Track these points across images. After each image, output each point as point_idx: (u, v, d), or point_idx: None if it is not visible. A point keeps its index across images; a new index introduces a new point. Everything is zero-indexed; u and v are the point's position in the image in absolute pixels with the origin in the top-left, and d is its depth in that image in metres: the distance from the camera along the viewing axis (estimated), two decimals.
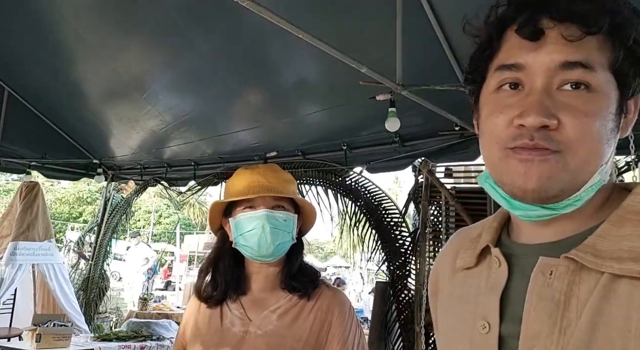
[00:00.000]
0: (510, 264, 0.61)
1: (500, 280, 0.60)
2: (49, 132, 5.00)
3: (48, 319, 3.94)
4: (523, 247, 0.62)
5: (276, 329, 1.18)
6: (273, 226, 1.19)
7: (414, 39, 2.48)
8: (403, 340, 3.61)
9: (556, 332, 0.53)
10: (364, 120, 3.54)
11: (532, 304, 0.56)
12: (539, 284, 0.56)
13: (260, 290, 1.25)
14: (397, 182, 22.06)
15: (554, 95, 0.56)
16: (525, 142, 0.55)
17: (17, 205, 4.89)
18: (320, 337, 1.18)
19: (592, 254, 0.54)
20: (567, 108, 0.55)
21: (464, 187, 3.55)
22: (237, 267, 1.27)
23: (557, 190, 0.55)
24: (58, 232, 16.65)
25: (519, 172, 0.56)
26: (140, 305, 6.67)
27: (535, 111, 0.55)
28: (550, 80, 0.56)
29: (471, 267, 0.67)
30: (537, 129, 0.55)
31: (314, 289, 1.23)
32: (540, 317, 0.55)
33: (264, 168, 1.29)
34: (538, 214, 0.58)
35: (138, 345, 4.07)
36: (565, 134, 0.55)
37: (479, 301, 0.62)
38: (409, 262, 3.70)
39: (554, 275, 0.56)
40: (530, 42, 0.57)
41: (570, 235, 0.58)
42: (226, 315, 1.23)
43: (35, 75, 4.43)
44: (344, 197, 4.05)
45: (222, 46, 3.30)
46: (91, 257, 5.75)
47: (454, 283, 0.69)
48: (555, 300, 0.54)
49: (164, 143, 4.73)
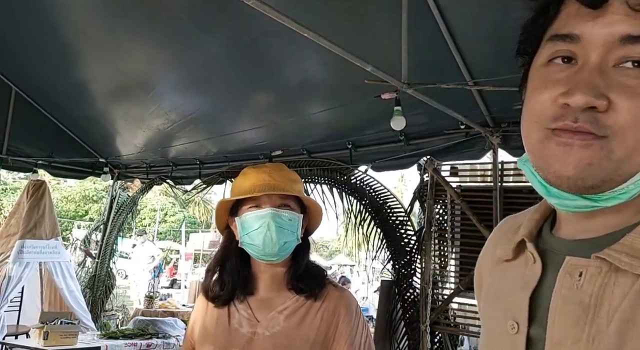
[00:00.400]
0: (545, 260, 0.56)
1: (532, 278, 0.55)
2: (55, 131, 5.03)
3: (55, 317, 3.97)
4: (561, 243, 0.56)
5: (283, 330, 1.18)
6: (278, 225, 1.19)
7: (419, 37, 2.47)
8: (408, 339, 3.61)
9: (584, 339, 0.48)
10: (370, 119, 3.53)
11: (557, 309, 0.51)
12: (566, 286, 0.51)
13: (267, 291, 1.25)
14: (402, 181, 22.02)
15: (609, 73, 0.49)
16: (567, 123, 0.49)
17: (24, 204, 4.93)
18: (328, 337, 1.18)
19: (629, 254, 0.48)
20: (622, 88, 0.48)
21: (470, 185, 3.54)
22: (244, 267, 1.27)
23: (598, 180, 0.49)
24: (65, 230, 16.75)
25: (556, 156, 0.50)
26: (146, 303, 6.71)
27: (583, 89, 0.48)
28: (607, 56, 0.50)
29: (510, 259, 0.61)
30: (582, 110, 0.49)
31: (320, 289, 1.23)
32: (565, 323, 0.50)
33: (270, 167, 1.29)
34: (576, 204, 0.52)
35: (144, 342, 4.09)
36: (614, 117, 0.48)
37: (512, 299, 0.57)
38: (414, 261, 3.70)
39: (584, 277, 0.50)
40: (590, 9, 0.50)
41: (611, 232, 0.52)
42: (234, 316, 1.23)
43: (42, 74, 4.46)
44: (349, 195, 4.05)
45: (227, 46, 3.31)
46: (97, 255, 5.78)
47: (494, 276, 0.64)
48: (584, 305, 0.49)
49: (169, 142, 4.74)
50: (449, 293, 3.48)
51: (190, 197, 5.56)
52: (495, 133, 3.06)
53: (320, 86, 3.49)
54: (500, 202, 3.16)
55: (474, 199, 3.37)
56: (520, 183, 3.25)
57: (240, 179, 1.28)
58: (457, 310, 3.58)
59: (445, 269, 3.56)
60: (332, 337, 1.19)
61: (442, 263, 3.55)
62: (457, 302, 3.53)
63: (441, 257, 3.55)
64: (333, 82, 3.38)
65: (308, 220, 1.30)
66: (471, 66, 2.70)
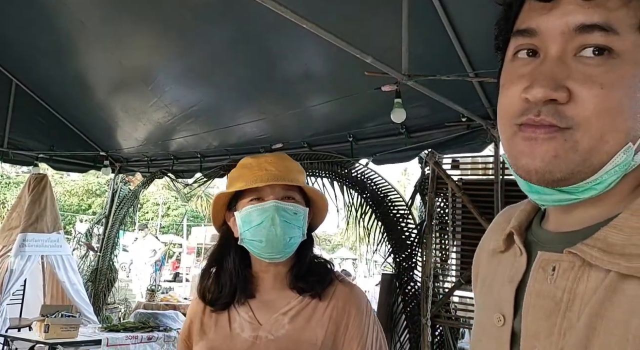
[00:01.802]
0: (531, 253, 0.56)
1: (518, 271, 0.56)
2: (56, 124, 5.02)
3: (56, 310, 3.98)
4: (547, 235, 0.56)
5: (288, 333, 1.09)
6: (283, 219, 1.09)
7: (420, 29, 2.45)
8: (409, 332, 3.61)
9: (555, 333, 0.49)
10: (370, 112, 3.51)
11: (530, 303, 0.52)
12: (539, 280, 0.52)
13: (269, 292, 1.16)
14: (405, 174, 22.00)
15: (569, 64, 0.49)
16: (530, 117, 0.49)
17: (26, 197, 4.94)
18: (337, 338, 1.10)
19: (601, 249, 0.48)
20: (582, 78, 0.48)
21: (471, 178, 3.52)
22: (244, 267, 1.17)
23: (566, 172, 0.49)
24: (67, 224, 16.81)
25: (523, 151, 0.50)
26: (148, 296, 6.73)
27: (541, 83, 0.48)
28: (565, 47, 0.50)
29: (503, 251, 0.61)
30: (544, 103, 0.49)
31: (326, 287, 1.14)
32: (538, 317, 0.50)
33: (271, 156, 1.18)
34: (554, 198, 0.52)
35: (145, 335, 4.11)
36: (576, 108, 0.48)
37: (501, 291, 0.58)
38: (415, 254, 3.69)
39: (557, 271, 0.50)
40: (544, 2, 0.51)
41: (588, 225, 0.52)
42: (234, 320, 1.13)
43: (42, 67, 4.45)
44: (349, 189, 4.04)
45: (228, 38, 3.29)
46: (99, 248, 5.80)
47: (489, 266, 0.65)
48: (556, 299, 0.50)
49: (170, 135, 4.73)
50: (450, 286, 3.47)
51: (191, 190, 5.55)
52: (497, 126, 3.03)
53: (320, 78, 3.47)
54: (501, 195, 3.14)
55: (475, 191, 3.35)
56: None
57: (238, 170, 1.18)
58: (458, 303, 3.57)
59: (446, 262, 3.55)
60: (342, 340, 1.10)
61: (443, 256, 3.55)
62: (458, 296, 3.52)
63: (442, 250, 3.54)
64: (333, 75, 3.36)
65: (312, 214, 1.20)
66: (472, 57, 2.68)
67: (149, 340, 4.10)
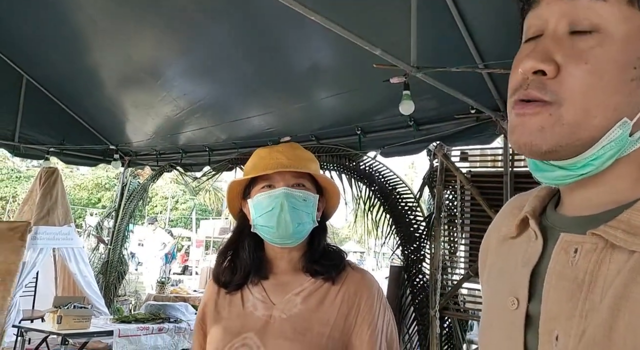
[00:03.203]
0: (546, 237, 0.56)
1: (533, 255, 0.56)
2: (66, 119, 5.07)
3: (68, 301, 4.04)
4: (562, 219, 0.57)
5: (301, 313, 1.12)
6: (292, 205, 1.13)
7: (429, 20, 2.43)
8: (418, 324, 3.62)
9: (577, 315, 0.49)
10: (378, 104, 3.51)
11: (551, 284, 0.52)
12: (560, 262, 0.52)
13: (282, 274, 1.19)
14: (412, 167, 21.95)
15: (564, 40, 0.51)
16: (520, 92, 0.52)
17: (37, 191, 4.99)
18: (349, 320, 1.13)
19: (625, 230, 0.48)
20: (570, 54, 0.49)
21: (480, 171, 3.51)
22: (258, 252, 1.20)
23: (553, 145, 0.50)
24: (78, 217, 16.99)
25: (515, 127, 0.52)
26: (158, 288, 6.80)
27: (532, 56, 0.50)
28: (560, 23, 0.52)
29: (514, 237, 0.62)
30: (532, 76, 0.51)
31: (339, 272, 1.17)
32: (559, 299, 0.50)
33: (283, 146, 1.22)
34: (555, 175, 0.53)
35: (156, 327, 4.15)
36: (562, 83, 0.49)
37: (514, 276, 0.58)
38: (424, 247, 3.69)
39: (580, 253, 0.51)
40: None
41: (610, 209, 0.52)
42: (248, 299, 1.17)
43: (53, 62, 4.48)
44: (358, 181, 4.04)
45: (235, 32, 3.29)
46: (110, 241, 5.86)
47: (499, 253, 0.65)
48: (578, 281, 0.50)
49: (178, 129, 4.76)
50: (458, 278, 3.47)
51: (200, 184, 5.58)
52: (506, 117, 3.01)
53: (328, 71, 3.47)
54: (510, 187, 3.13)
55: (484, 184, 3.34)
56: None
57: (252, 160, 1.22)
58: (467, 295, 3.58)
59: (455, 254, 3.55)
60: (353, 321, 1.13)
61: (452, 249, 3.55)
62: (467, 288, 3.53)
63: (451, 242, 3.54)
64: (341, 67, 3.35)
65: (325, 202, 1.24)
66: (482, 48, 2.66)
67: (159, 332, 4.14)
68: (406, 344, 3.62)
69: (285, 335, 1.10)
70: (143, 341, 4.01)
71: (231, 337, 1.13)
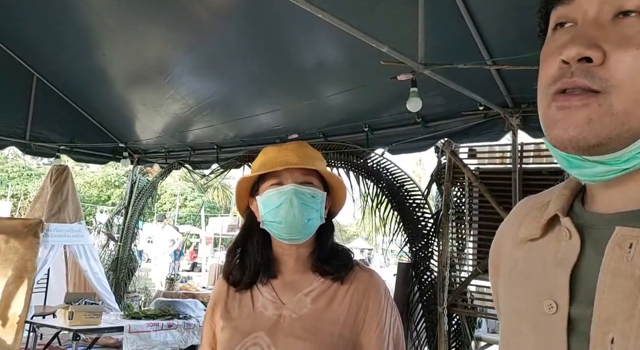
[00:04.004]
0: (582, 236, 0.52)
1: (570, 255, 0.52)
2: (76, 117, 5.12)
3: (80, 297, 4.09)
4: (598, 217, 0.53)
5: (311, 313, 1.13)
6: (301, 201, 1.15)
7: (436, 16, 2.42)
8: (426, 321, 3.62)
9: (636, 315, 0.45)
10: (386, 102, 3.50)
11: (605, 283, 0.48)
12: (615, 259, 0.48)
13: (291, 273, 1.20)
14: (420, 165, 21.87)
15: (606, 26, 0.48)
16: (564, 81, 0.48)
17: (48, 188, 5.04)
18: (358, 320, 1.14)
19: None
20: (619, 40, 0.47)
21: (488, 167, 3.49)
22: (266, 249, 1.22)
23: (603, 137, 0.47)
24: (88, 214, 17.14)
25: (557, 121, 0.49)
26: (167, 285, 6.86)
27: (576, 41, 0.48)
28: (601, 10, 0.49)
29: (536, 238, 0.58)
30: (577, 64, 0.47)
31: (347, 272, 1.18)
32: (616, 298, 0.47)
33: (291, 144, 1.24)
34: (595, 171, 0.50)
35: (166, 323, 4.19)
36: (611, 70, 0.46)
37: (545, 278, 0.54)
38: (432, 244, 3.69)
39: (635, 248, 0.47)
40: None
41: None
42: (257, 299, 1.18)
43: (63, 61, 4.52)
44: (365, 179, 4.04)
45: (243, 29, 3.30)
46: (119, 238, 5.91)
47: (517, 256, 0.61)
48: (635, 278, 0.46)
49: (187, 127, 4.78)
50: (466, 275, 3.47)
51: (208, 181, 5.61)
52: (515, 114, 3.00)
53: (335, 68, 3.47)
54: (519, 184, 3.12)
55: (492, 181, 3.32)
56: (540, 165, 3.19)
57: (260, 157, 1.24)
58: (475, 292, 3.57)
59: (463, 251, 3.55)
60: (362, 320, 1.14)
61: (460, 246, 3.54)
62: (475, 285, 3.52)
63: (459, 239, 3.53)
64: (348, 64, 3.35)
65: (331, 200, 1.25)
66: (490, 45, 2.64)
67: (169, 328, 4.18)
68: (414, 341, 3.62)
69: (296, 334, 1.11)
70: (153, 337, 4.05)
71: (242, 336, 1.14)
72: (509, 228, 0.65)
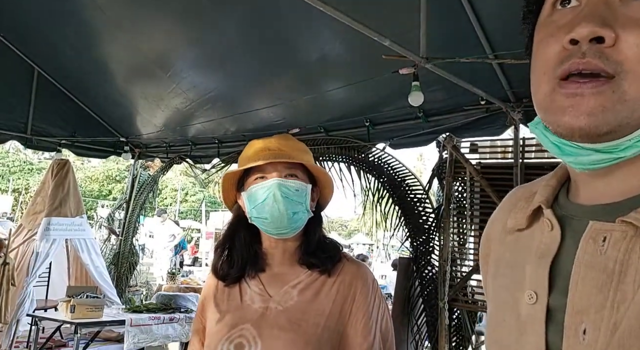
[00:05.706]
0: (563, 227, 0.53)
1: (551, 246, 0.52)
2: (77, 111, 5.12)
3: (81, 291, 4.10)
4: (580, 208, 0.53)
5: (297, 305, 1.14)
6: (284, 195, 1.14)
7: (438, 10, 2.41)
8: (427, 316, 3.63)
9: (608, 306, 0.45)
10: (387, 96, 3.49)
11: (579, 275, 0.48)
12: (589, 252, 0.48)
13: (278, 266, 1.20)
14: (421, 160, 21.87)
15: (616, 7, 0.46)
16: (574, 61, 0.46)
17: (49, 183, 5.05)
18: (344, 310, 1.15)
19: None
20: (629, 22, 0.45)
21: (490, 162, 3.49)
22: (254, 244, 1.22)
23: (614, 125, 0.45)
24: (89, 209, 17.16)
25: (566, 108, 0.47)
26: (169, 279, 6.88)
27: (587, 19, 0.45)
28: None
29: (523, 228, 0.58)
30: (589, 44, 0.45)
31: (335, 264, 1.19)
32: (589, 290, 0.47)
33: (276, 137, 1.23)
34: (591, 159, 0.49)
35: (167, 316, 4.21)
36: (624, 52, 0.45)
37: (528, 268, 0.54)
38: (433, 239, 3.69)
39: (608, 242, 0.47)
40: None
41: (635, 195, 0.48)
42: (245, 292, 1.19)
43: (63, 55, 4.51)
44: (366, 173, 4.04)
45: (244, 23, 3.29)
46: (121, 232, 5.92)
47: (505, 246, 0.61)
48: (608, 271, 0.46)
49: (188, 121, 4.78)
50: (467, 270, 3.47)
51: (209, 176, 5.61)
52: (517, 108, 3.00)
53: (337, 63, 3.46)
54: (521, 178, 3.11)
55: (493, 176, 3.32)
56: (542, 159, 3.19)
57: (245, 151, 1.23)
58: (476, 287, 3.58)
59: (464, 246, 3.55)
60: (348, 311, 1.15)
61: (461, 240, 3.54)
62: (476, 279, 3.52)
63: (460, 234, 3.53)
64: (350, 59, 3.34)
65: (319, 193, 1.25)
66: (492, 39, 2.63)
67: (170, 321, 4.20)
68: (415, 336, 3.63)
69: (281, 326, 1.12)
70: (154, 330, 4.06)
71: (228, 329, 1.15)
72: (499, 218, 0.66)
